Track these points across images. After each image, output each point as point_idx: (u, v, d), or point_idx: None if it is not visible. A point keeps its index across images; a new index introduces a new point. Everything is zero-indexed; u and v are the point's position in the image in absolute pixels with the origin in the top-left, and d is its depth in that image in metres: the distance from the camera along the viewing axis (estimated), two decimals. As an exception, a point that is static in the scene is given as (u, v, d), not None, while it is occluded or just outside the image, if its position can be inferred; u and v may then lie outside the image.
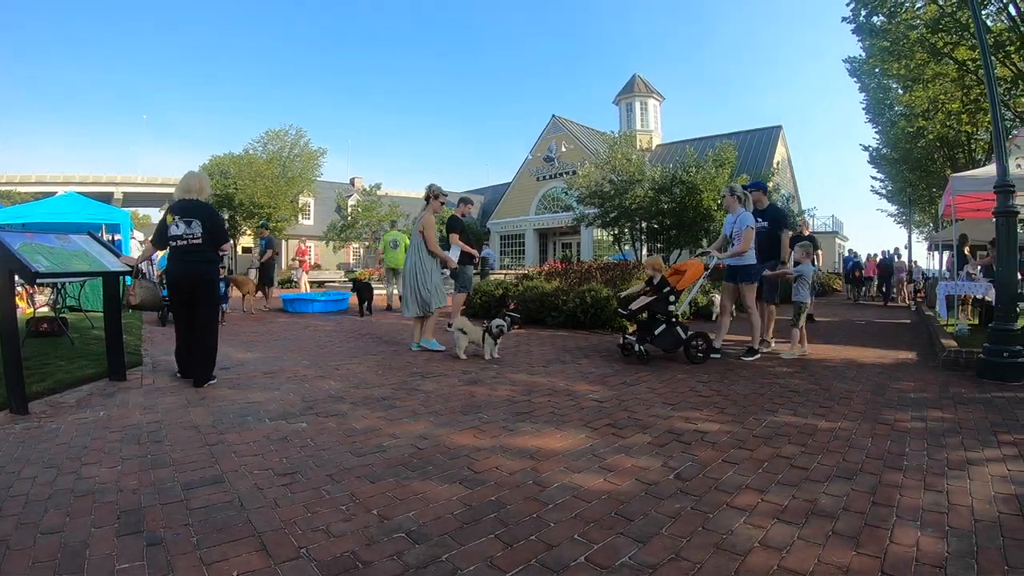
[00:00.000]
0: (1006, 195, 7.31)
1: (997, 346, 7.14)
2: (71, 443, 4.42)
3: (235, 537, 2.93)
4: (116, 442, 4.46)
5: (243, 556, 2.75)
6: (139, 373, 7.06)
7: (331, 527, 3.05)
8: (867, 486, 3.68)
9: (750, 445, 4.49)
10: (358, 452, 4.25)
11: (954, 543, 2.93)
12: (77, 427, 4.83)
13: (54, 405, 5.56)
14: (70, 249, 6.31)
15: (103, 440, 4.50)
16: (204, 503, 3.34)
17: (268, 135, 42.35)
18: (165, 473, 3.81)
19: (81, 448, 4.30)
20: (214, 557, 2.73)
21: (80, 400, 5.77)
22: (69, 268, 6.08)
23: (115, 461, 4.04)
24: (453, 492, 3.54)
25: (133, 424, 4.93)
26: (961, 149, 23.14)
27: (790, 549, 2.86)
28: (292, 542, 2.88)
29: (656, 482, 3.73)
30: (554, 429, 4.88)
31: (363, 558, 2.74)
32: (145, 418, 5.11)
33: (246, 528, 3.03)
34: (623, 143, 23.65)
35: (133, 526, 3.04)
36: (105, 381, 6.58)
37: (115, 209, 18.69)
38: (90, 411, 5.36)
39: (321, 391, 6.17)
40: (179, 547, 2.82)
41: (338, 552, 2.79)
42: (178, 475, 3.78)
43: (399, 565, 2.68)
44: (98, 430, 4.76)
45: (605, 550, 2.84)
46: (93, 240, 6.86)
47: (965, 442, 4.60)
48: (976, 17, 7.94)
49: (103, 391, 6.15)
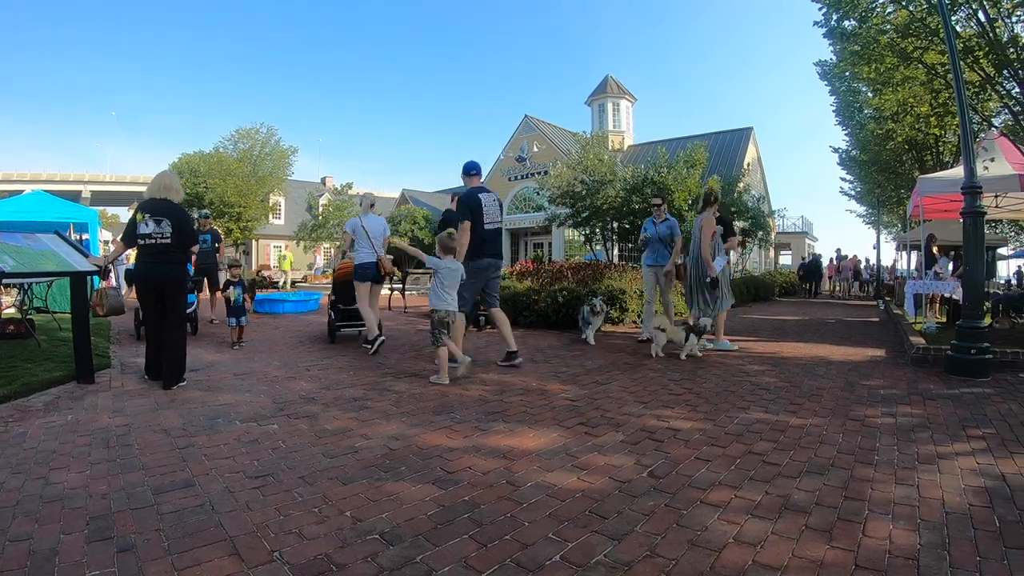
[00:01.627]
0: (973, 196, 7.45)
1: (965, 343, 7.28)
2: (39, 448, 4.32)
3: (207, 542, 2.88)
4: (85, 446, 4.36)
5: (215, 561, 2.70)
6: (108, 375, 6.94)
7: (304, 530, 3.01)
8: (839, 481, 3.72)
9: (722, 442, 4.52)
10: (330, 454, 4.21)
11: (926, 535, 2.97)
12: (45, 431, 4.73)
13: (21, 409, 5.43)
14: (37, 249, 6.22)
15: (72, 444, 4.41)
16: (175, 507, 3.28)
17: (239, 133, 41.82)
18: (135, 477, 3.74)
19: (49, 453, 4.21)
20: (186, 562, 2.68)
21: (48, 404, 5.65)
22: (36, 268, 6.01)
23: (84, 466, 3.95)
24: (427, 493, 3.52)
25: (102, 428, 4.83)
26: (929, 151, 23.39)
27: (764, 544, 2.88)
28: (265, 546, 2.84)
29: (630, 480, 3.74)
30: (527, 428, 4.88)
31: (337, 560, 2.71)
32: (114, 421, 5.02)
33: (218, 532, 2.98)
34: (595, 143, 23.67)
35: (103, 532, 2.97)
36: (73, 384, 6.46)
37: (83, 208, 18.47)
38: (58, 415, 5.24)
39: (292, 392, 6.12)
40: (150, 553, 2.77)
41: (312, 555, 2.76)
42: (148, 479, 3.70)
43: (373, 567, 2.66)
44: (66, 434, 4.66)
45: (580, 548, 2.84)
46: (61, 239, 6.76)
47: (935, 437, 4.68)
48: (946, 23, 8.04)
49: (71, 394, 6.03)
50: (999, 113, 16.75)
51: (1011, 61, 11.75)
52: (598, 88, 47.79)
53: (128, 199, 54.21)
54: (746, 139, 40.42)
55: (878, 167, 27.52)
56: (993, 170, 10.97)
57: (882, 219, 36.39)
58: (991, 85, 13.65)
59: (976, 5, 12.74)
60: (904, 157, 25.25)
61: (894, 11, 14.54)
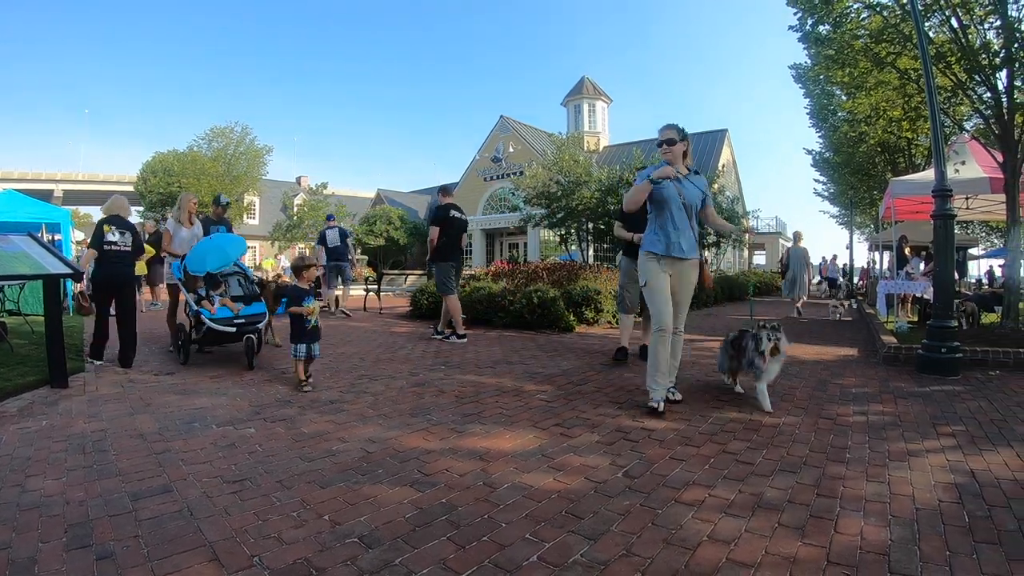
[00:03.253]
0: (943, 199, 7.60)
1: (935, 342, 7.44)
2: (14, 454, 4.28)
3: (186, 547, 2.88)
4: (61, 452, 4.33)
5: (195, 567, 2.70)
6: (82, 379, 6.87)
7: (283, 534, 3.02)
8: (811, 479, 3.79)
9: (696, 442, 4.57)
10: (308, 457, 4.21)
11: (897, 531, 3.04)
12: (20, 437, 4.68)
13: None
14: (10, 251, 6.14)
15: (47, 450, 4.37)
16: (153, 513, 3.27)
17: (213, 132, 41.72)
18: (112, 483, 3.72)
19: (24, 459, 4.17)
20: (166, 569, 2.68)
21: (22, 409, 5.57)
22: (9, 271, 5.94)
23: (60, 472, 3.93)
24: (404, 495, 3.53)
25: (77, 433, 4.78)
26: (901, 154, 23.60)
27: (738, 542, 2.93)
28: (244, 551, 2.84)
29: (605, 480, 3.78)
30: (503, 430, 4.91)
31: (317, 565, 2.72)
32: (90, 427, 4.97)
33: (197, 538, 2.98)
34: (571, 144, 23.76)
35: (81, 539, 2.96)
36: (47, 388, 6.38)
37: (55, 208, 18.24)
38: (32, 420, 5.17)
39: (268, 395, 6.10)
40: (129, 559, 2.76)
41: (291, 559, 2.77)
42: (125, 485, 3.69)
43: (353, 570, 2.67)
44: (41, 440, 4.61)
45: (557, 548, 2.87)
46: (34, 241, 6.69)
47: (905, 434, 4.77)
48: (919, 30, 8.16)
49: (45, 399, 5.96)
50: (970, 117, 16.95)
51: (982, 67, 11.89)
52: (574, 89, 47.96)
53: (102, 198, 53.37)
54: (721, 141, 40.75)
55: (851, 169, 27.79)
56: (964, 173, 11.14)
57: (855, 220, 36.77)
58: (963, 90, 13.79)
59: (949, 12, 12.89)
60: (877, 159, 25.48)
61: (868, 17, 14.67)
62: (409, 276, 34.30)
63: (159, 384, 6.62)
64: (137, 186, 41.38)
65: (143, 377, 7.04)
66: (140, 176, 40.53)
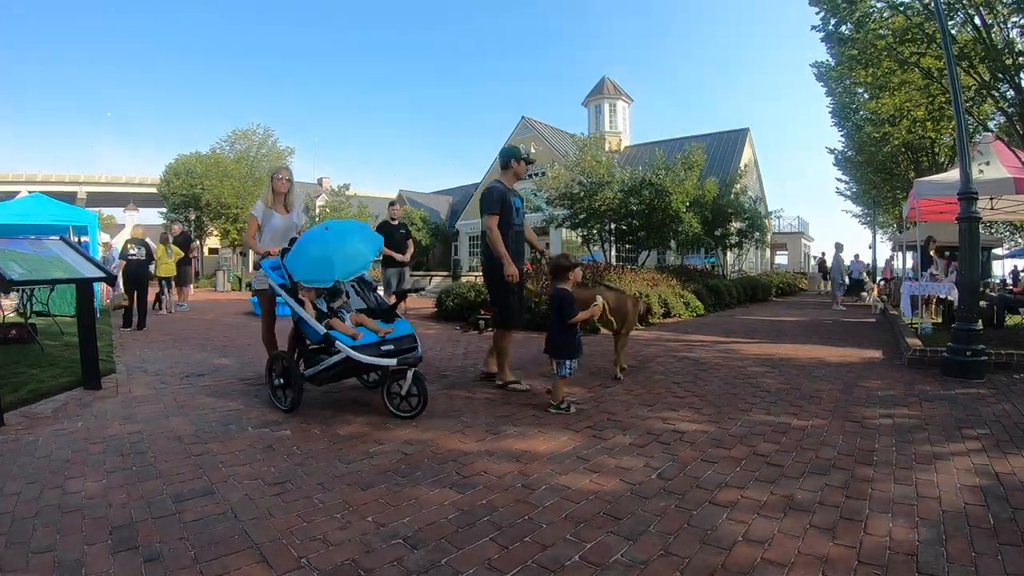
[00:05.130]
0: (969, 201, 7.58)
1: (960, 345, 7.39)
2: (52, 456, 4.32)
3: (233, 549, 2.91)
4: (98, 454, 4.36)
5: (244, 568, 2.73)
6: (114, 381, 6.93)
7: (329, 536, 3.06)
8: (840, 481, 3.84)
9: (727, 444, 4.62)
10: (346, 459, 4.25)
11: (924, 532, 3.10)
12: (56, 439, 4.71)
13: (30, 416, 5.41)
14: (44, 255, 6.18)
15: (85, 452, 4.40)
16: (197, 515, 3.30)
17: (235, 134, 41.62)
18: (153, 486, 3.74)
19: (63, 461, 4.20)
20: (215, 571, 2.71)
21: (56, 410, 5.62)
22: (44, 275, 5.99)
23: (100, 474, 3.95)
24: (445, 497, 3.58)
25: (114, 435, 4.82)
26: (925, 153, 23.49)
27: (771, 542, 3.00)
28: (291, 552, 2.88)
29: (640, 482, 3.84)
30: (537, 432, 4.96)
31: (364, 565, 2.77)
32: (125, 428, 5.01)
33: (243, 540, 3.01)
34: (592, 145, 23.69)
35: (128, 542, 2.98)
36: (80, 390, 6.41)
37: (82, 210, 18.40)
38: (68, 422, 5.22)
39: (302, 397, 5.96)
40: (177, 561, 2.78)
41: (339, 560, 2.81)
42: (166, 487, 3.71)
43: (400, 571, 2.73)
44: (78, 442, 4.64)
45: (598, 548, 2.93)
46: (67, 245, 6.75)
47: (931, 437, 4.80)
48: (943, 29, 8.15)
49: (79, 400, 6.00)
50: (994, 116, 16.86)
51: (1007, 66, 11.84)
52: (595, 89, 47.73)
53: (124, 200, 54.13)
54: (742, 140, 40.39)
55: (874, 168, 27.62)
56: (988, 173, 11.08)
57: (878, 219, 36.51)
58: (987, 89, 13.74)
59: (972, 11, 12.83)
60: (900, 159, 25.35)
61: (891, 16, 14.62)
62: (434, 277, 34.26)
63: (191, 386, 6.69)
64: (160, 188, 41.54)
65: (174, 379, 7.12)
66: (163, 178, 40.65)
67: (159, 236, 17.98)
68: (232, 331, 12.41)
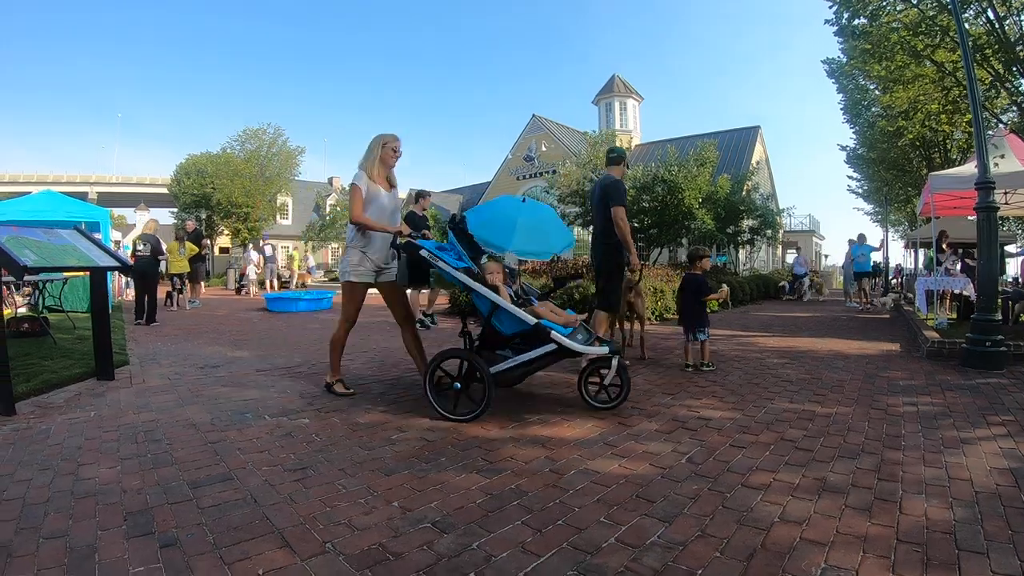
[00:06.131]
0: (987, 192, 7.57)
1: (980, 336, 7.38)
2: (65, 444, 4.26)
3: (254, 535, 2.84)
4: (112, 442, 4.31)
5: (266, 554, 2.66)
6: (127, 372, 6.93)
7: (354, 520, 3.01)
8: (871, 464, 3.83)
9: (754, 431, 4.59)
10: (367, 446, 4.21)
11: (959, 512, 3.09)
12: (69, 427, 4.68)
13: (42, 406, 5.37)
14: (57, 244, 6.11)
15: (98, 440, 4.35)
16: (215, 501, 3.23)
17: (246, 133, 41.71)
18: (168, 472, 3.68)
19: (75, 449, 4.15)
20: (235, 556, 2.64)
21: (69, 400, 5.60)
22: (58, 263, 5.91)
23: (114, 461, 3.89)
24: (472, 482, 3.53)
25: (128, 423, 4.77)
26: (937, 149, 23.44)
27: (809, 522, 2.97)
28: (315, 537, 2.82)
29: (670, 466, 3.79)
30: (561, 419, 4.91)
31: (393, 550, 2.71)
32: (140, 417, 4.97)
33: (264, 525, 2.94)
34: (604, 142, 23.69)
35: (143, 527, 2.91)
36: (93, 380, 6.42)
37: (93, 207, 18.41)
38: (80, 411, 5.20)
39: (319, 387, 6.08)
40: (195, 547, 2.72)
41: (365, 545, 2.75)
42: (183, 474, 3.65)
43: (431, 555, 2.67)
44: (92, 430, 4.60)
45: (633, 531, 2.88)
46: (80, 235, 6.71)
47: (957, 424, 4.79)
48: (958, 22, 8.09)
49: (92, 391, 5.99)
50: (1008, 110, 16.78)
51: (1020, 59, 11.77)
52: (605, 87, 47.70)
53: (135, 200, 54.27)
54: (753, 138, 40.34)
55: (886, 165, 27.58)
56: (1003, 167, 11.01)
57: (889, 217, 36.40)
58: (1000, 83, 13.67)
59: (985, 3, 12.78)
60: (912, 155, 25.30)
61: (904, 9, 14.58)
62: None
63: (206, 376, 6.66)
64: (171, 187, 41.58)
65: (189, 370, 7.10)
66: (174, 178, 40.67)
67: (173, 233, 18.02)
68: (246, 326, 12.43)
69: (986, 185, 7.57)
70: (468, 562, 2.61)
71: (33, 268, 5.29)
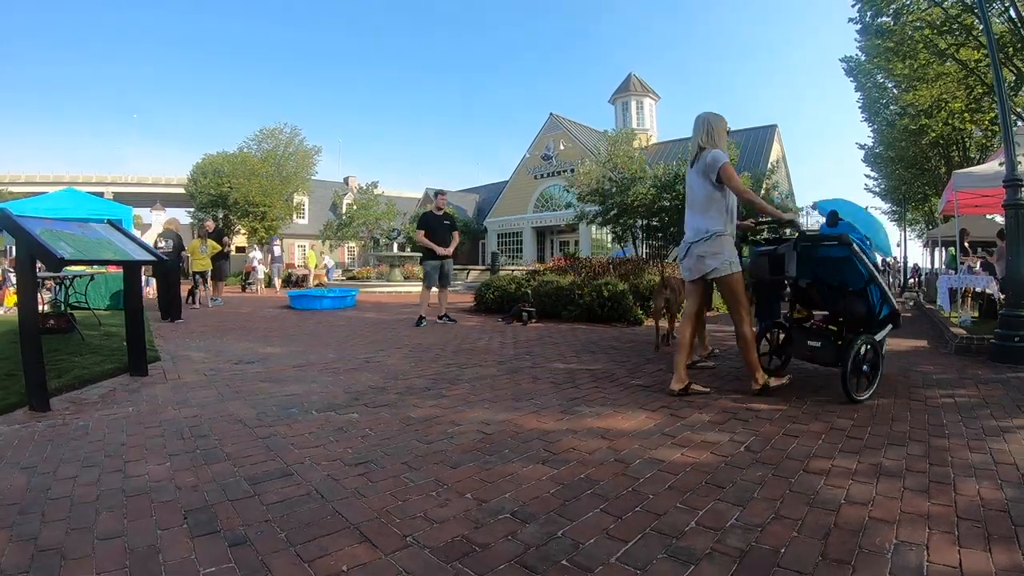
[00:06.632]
0: (1015, 189, 7.63)
1: (1009, 331, 7.43)
2: (106, 440, 4.17)
3: (329, 530, 2.77)
4: (157, 437, 4.23)
5: (345, 550, 2.59)
6: (160, 368, 6.88)
7: (430, 513, 2.97)
8: (920, 451, 3.93)
9: (803, 420, 4.63)
10: (425, 440, 4.18)
11: (1010, 492, 3.23)
12: (108, 423, 4.59)
13: (76, 402, 5.28)
14: (92, 237, 6.00)
15: (141, 436, 4.26)
16: (279, 497, 3.15)
17: (262, 133, 41.95)
18: (222, 468, 3.61)
19: (119, 445, 4.05)
20: (313, 552, 2.56)
21: (104, 395, 5.54)
22: (94, 256, 5.86)
23: (162, 458, 3.80)
24: (540, 472, 3.53)
25: (169, 419, 4.71)
26: (957, 147, 23.36)
27: (873, 503, 3.07)
28: (394, 531, 2.77)
29: (731, 455, 3.83)
30: (613, 411, 4.93)
31: (477, 541, 2.69)
32: (181, 412, 4.91)
33: (337, 520, 2.88)
34: (623, 140, 23.65)
35: (206, 525, 2.82)
36: (126, 376, 6.34)
37: (115, 204, 18.49)
38: (117, 407, 5.12)
39: (360, 383, 6.07)
40: (268, 545, 2.63)
41: (448, 538, 2.71)
42: (238, 469, 3.57)
43: (518, 545, 2.66)
44: (132, 426, 4.52)
45: (710, 515, 2.92)
46: (114, 228, 6.66)
47: (995, 414, 4.88)
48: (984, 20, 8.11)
49: (126, 386, 5.92)
50: (1031, 108, 16.73)
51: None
52: (621, 86, 47.74)
53: (151, 200, 54.41)
54: (771, 136, 40.20)
55: (904, 164, 27.48)
56: (1025, 165, 11.02)
57: (906, 216, 36.29)
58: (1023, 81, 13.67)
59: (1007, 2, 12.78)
60: (931, 153, 25.21)
61: (928, 8, 14.58)
62: (471, 271, 34.34)
63: (243, 372, 6.65)
64: (188, 187, 41.72)
65: (224, 366, 7.10)
66: (191, 178, 40.81)
67: (195, 231, 18.09)
68: (272, 323, 12.43)
69: (1015, 182, 7.61)
70: (557, 550, 2.61)
71: (70, 260, 5.23)
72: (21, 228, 5.02)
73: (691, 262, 5.63)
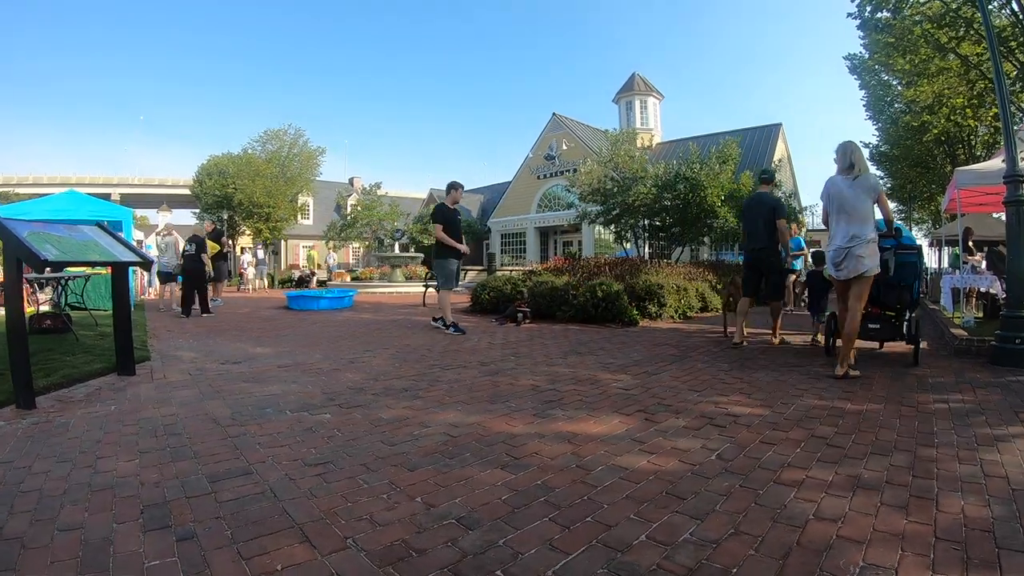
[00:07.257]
0: (1016, 185, 7.43)
1: (1009, 333, 7.24)
2: (83, 437, 4.28)
3: (273, 529, 2.80)
4: (131, 435, 4.31)
5: (285, 549, 2.62)
6: (148, 368, 6.98)
7: (376, 516, 2.96)
8: (904, 461, 3.75)
9: (783, 427, 4.50)
10: (390, 441, 4.15)
11: (997, 509, 3.03)
12: (88, 421, 4.70)
13: (62, 400, 5.42)
14: (79, 239, 6.12)
15: (117, 433, 4.35)
16: (234, 495, 3.20)
17: (267, 134, 42.21)
18: (187, 465, 3.67)
19: (94, 442, 4.16)
20: (253, 551, 2.60)
21: (89, 394, 5.64)
22: (79, 257, 5.92)
23: (132, 454, 3.88)
24: (496, 477, 3.47)
25: (147, 418, 4.78)
26: (962, 145, 23.25)
27: (844, 519, 2.90)
28: (336, 532, 2.78)
29: (700, 463, 3.72)
30: (586, 415, 4.84)
31: (416, 546, 2.66)
32: (160, 411, 4.99)
33: (283, 520, 2.90)
34: (625, 140, 23.63)
35: (160, 520, 2.89)
36: (114, 376, 6.45)
37: (115, 206, 18.64)
38: (100, 405, 5.22)
39: (340, 383, 6.09)
40: (212, 541, 2.69)
41: (388, 541, 2.70)
42: (201, 467, 3.64)
43: (456, 551, 2.61)
44: (111, 424, 4.61)
45: (664, 528, 2.81)
46: (103, 231, 6.72)
47: (989, 421, 4.69)
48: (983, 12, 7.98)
49: (112, 385, 6.03)
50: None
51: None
52: (625, 86, 47.65)
53: (157, 201, 54.71)
54: (775, 135, 40.05)
55: (910, 162, 27.41)
56: (1029, 161, 10.90)
57: (912, 215, 36.17)
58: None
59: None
60: (936, 151, 25.12)
61: (927, 2, 14.49)
62: (468, 272, 34.37)
63: (227, 372, 6.68)
64: (193, 188, 41.99)
65: (211, 366, 7.13)
66: (196, 179, 41.13)
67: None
68: (267, 324, 12.49)
69: (1015, 179, 7.41)
70: (494, 559, 2.54)
71: (53, 262, 5.29)
72: (7, 231, 5.13)
73: (851, 263, 6.50)
